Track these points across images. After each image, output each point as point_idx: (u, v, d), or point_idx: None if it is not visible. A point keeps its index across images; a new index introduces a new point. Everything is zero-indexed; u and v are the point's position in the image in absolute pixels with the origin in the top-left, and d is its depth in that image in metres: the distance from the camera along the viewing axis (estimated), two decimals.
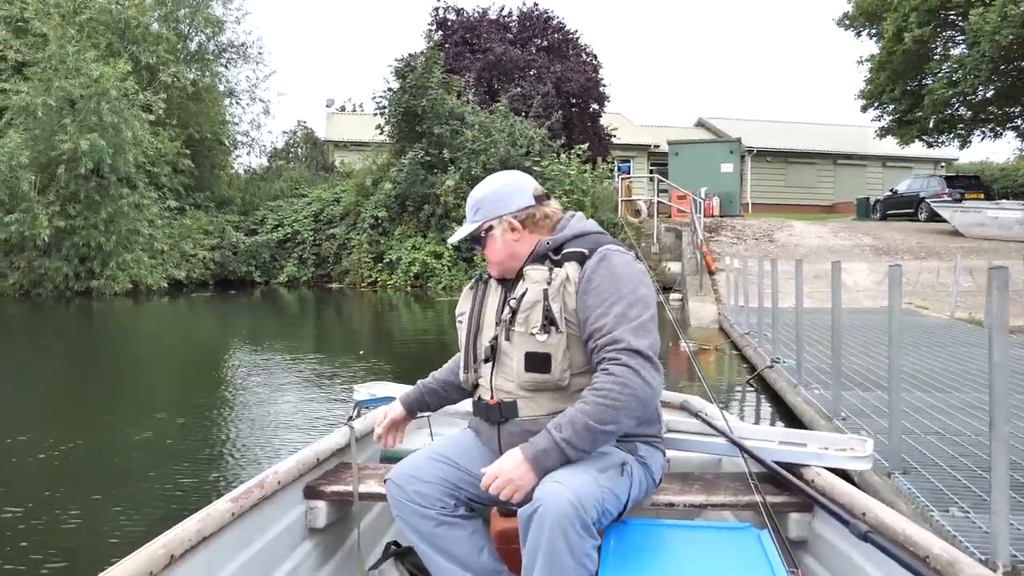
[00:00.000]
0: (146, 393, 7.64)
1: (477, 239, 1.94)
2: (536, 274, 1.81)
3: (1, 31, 18.75)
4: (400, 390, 2.64)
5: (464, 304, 2.02)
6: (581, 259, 1.79)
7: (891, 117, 23.02)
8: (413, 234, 20.21)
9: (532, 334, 1.76)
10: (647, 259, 16.85)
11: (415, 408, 2.21)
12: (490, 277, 1.98)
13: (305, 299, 18.36)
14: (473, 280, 2.04)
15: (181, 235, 20.22)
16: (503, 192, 1.92)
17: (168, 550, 1.58)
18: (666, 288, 15.66)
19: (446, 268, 19.18)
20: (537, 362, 1.77)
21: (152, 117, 19.25)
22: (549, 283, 1.77)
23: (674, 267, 16.88)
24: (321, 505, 2.20)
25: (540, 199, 1.92)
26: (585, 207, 19.36)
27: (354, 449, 2.32)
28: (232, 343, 11.29)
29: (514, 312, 1.80)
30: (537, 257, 1.86)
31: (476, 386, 1.95)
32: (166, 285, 18.96)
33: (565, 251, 1.83)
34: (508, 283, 1.91)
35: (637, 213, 20.44)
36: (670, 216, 20.44)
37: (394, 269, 19.67)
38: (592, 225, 1.93)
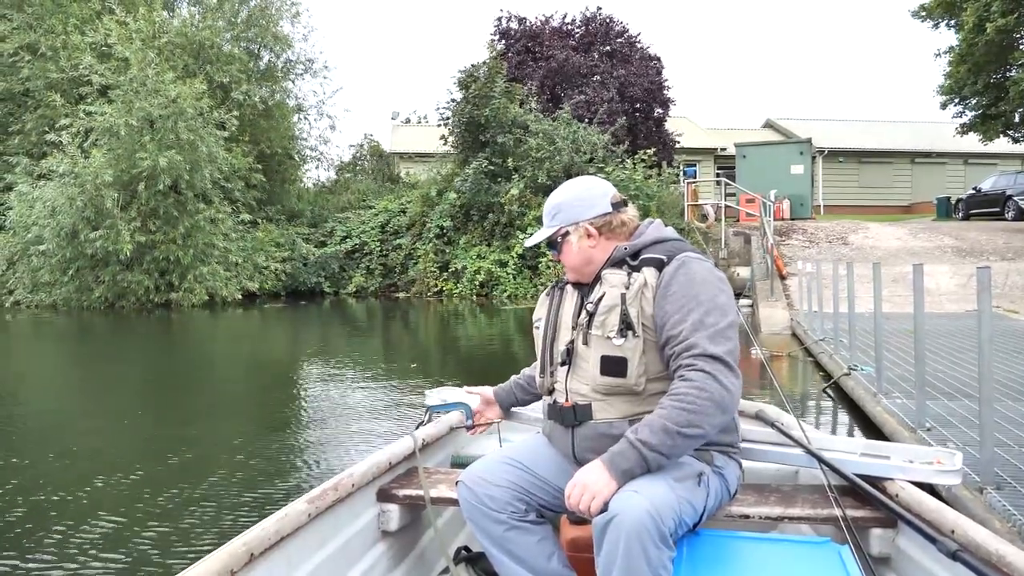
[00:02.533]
0: (225, 400, 7.89)
1: (553, 244, 1.97)
2: (614, 278, 1.82)
3: (87, 57, 19.74)
4: (470, 396, 2.67)
5: (541, 309, 2.05)
6: (659, 265, 1.80)
7: (973, 112, 22.05)
8: (478, 243, 20.36)
9: (609, 338, 1.77)
10: (715, 265, 16.56)
11: (504, 399, 2.38)
12: (567, 283, 2.00)
13: (373, 309, 18.69)
14: (550, 286, 2.06)
15: (254, 248, 20.87)
16: (581, 198, 1.94)
17: (248, 548, 1.63)
18: (736, 294, 15.34)
19: (511, 276, 19.24)
20: (613, 366, 1.77)
21: (226, 134, 19.96)
22: (627, 287, 1.79)
23: (743, 272, 16.55)
24: (393, 508, 2.24)
25: (618, 206, 1.94)
26: (651, 212, 19.17)
27: (418, 453, 2.36)
28: (304, 352, 11.58)
29: (591, 315, 1.81)
30: (615, 262, 1.87)
31: (552, 391, 1.96)
32: (240, 296, 19.59)
33: (643, 256, 1.84)
34: (584, 288, 1.92)
35: (704, 218, 20.12)
36: (738, 220, 20.05)
37: (459, 278, 19.84)
38: (671, 232, 1.93)
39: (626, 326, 1.76)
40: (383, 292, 21.44)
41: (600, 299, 1.82)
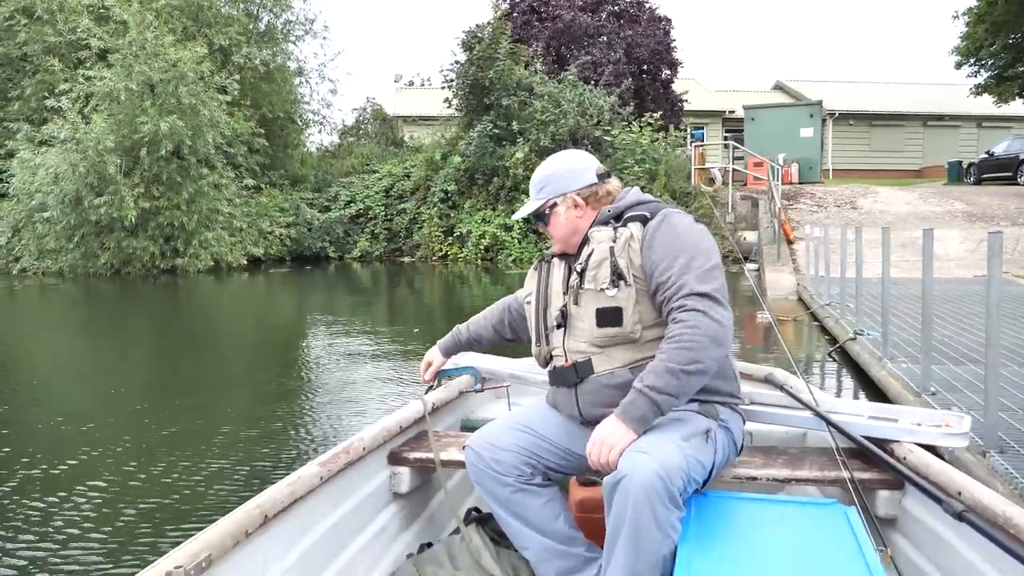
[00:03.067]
0: (233, 365, 7.96)
1: (541, 215, 2.02)
2: (600, 235, 1.88)
3: (85, 20, 19.53)
4: (481, 359, 2.69)
5: (530, 284, 2.09)
6: (643, 220, 1.86)
7: (989, 73, 21.74)
8: (483, 207, 20.30)
9: (602, 290, 1.82)
10: (722, 229, 16.49)
11: (448, 351, 2.44)
12: (552, 256, 2.05)
13: (378, 273, 18.72)
14: (536, 262, 2.11)
15: (258, 213, 20.84)
16: (568, 170, 2.00)
17: (263, 510, 1.66)
18: (743, 258, 15.32)
19: (516, 240, 19.21)
20: (608, 316, 1.82)
21: (227, 98, 19.80)
22: (614, 240, 1.84)
23: (750, 236, 16.48)
24: (404, 471, 2.27)
25: (602, 177, 2.00)
26: (658, 176, 19.06)
27: (428, 417, 2.39)
28: (310, 317, 11.63)
29: (582, 273, 1.86)
30: (600, 222, 1.93)
31: (550, 359, 1.99)
32: (245, 262, 19.61)
33: (627, 215, 1.90)
34: (570, 257, 1.97)
35: (711, 181, 19.99)
36: (746, 184, 19.92)
37: (464, 242, 19.83)
38: (650, 197, 2.01)
39: (617, 276, 1.80)
40: (388, 257, 21.46)
41: (589, 256, 1.86)
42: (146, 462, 4.36)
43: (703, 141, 25.18)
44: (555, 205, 1.98)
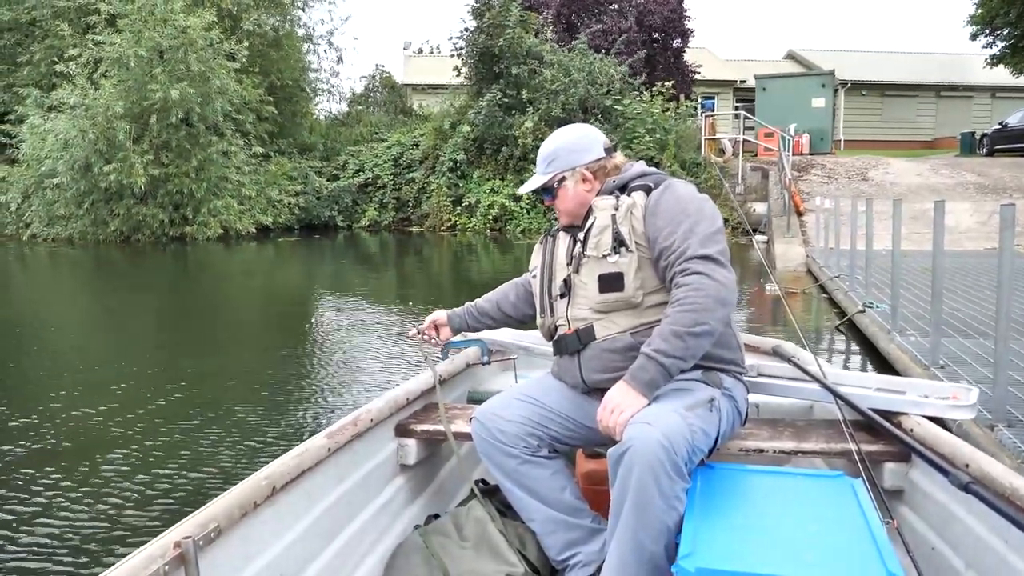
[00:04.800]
0: (242, 334, 8.01)
1: (548, 190, 2.02)
2: (603, 203, 1.90)
3: None
4: (489, 331, 2.67)
5: (535, 259, 2.11)
6: (647, 190, 1.88)
7: (1005, 43, 21.36)
8: (492, 177, 20.20)
9: (604, 256, 1.83)
10: (731, 200, 16.39)
11: (456, 323, 2.39)
12: (558, 231, 2.06)
13: (386, 243, 18.72)
14: (542, 235, 2.12)
15: (267, 181, 20.79)
16: (577, 144, 2.00)
17: (271, 481, 1.67)
18: (752, 229, 15.25)
19: (525, 211, 19.15)
20: (610, 282, 1.83)
21: (236, 65, 19.66)
22: (616, 208, 1.86)
23: (760, 208, 16.38)
24: (411, 443, 2.28)
25: (609, 150, 2.02)
26: (668, 146, 18.90)
27: (439, 391, 2.38)
28: (319, 286, 11.67)
29: (584, 241, 1.87)
30: (604, 192, 1.95)
31: (554, 330, 2.00)
32: (254, 230, 19.61)
33: (631, 186, 1.92)
34: (576, 228, 1.97)
35: (722, 152, 19.82)
36: (756, 155, 19.74)
37: (473, 212, 19.78)
38: (654, 169, 2.02)
39: (619, 243, 1.82)
40: (396, 226, 21.44)
41: (592, 224, 1.88)
42: (155, 432, 4.40)
43: (714, 111, 24.90)
44: (564, 179, 1.98)
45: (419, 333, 2.44)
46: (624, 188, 1.93)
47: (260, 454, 3.98)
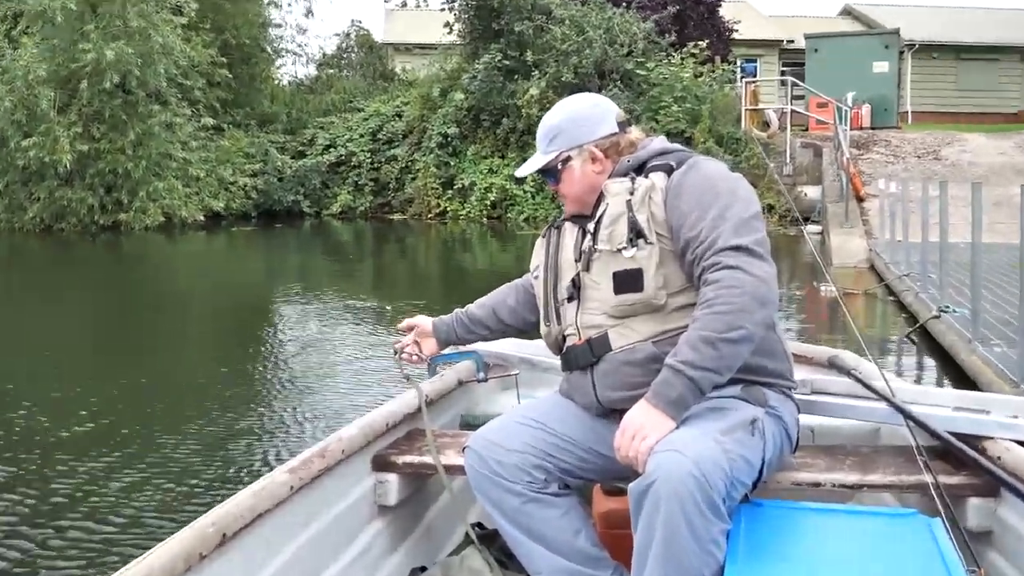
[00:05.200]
0: (185, 344, 7.99)
1: (551, 172, 2.03)
2: (617, 186, 1.89)
3: None
4: (483, 344, 2.65)
5: (538, 255, 2.10)
6: (668, 170, 1.87)
7: None
8: (489, 154, 20.27)
9: (618, 250, 1.82)
10: (777, 183, 16.41)
11: (443, 333, 2.36)
12: (563, 221, 2.06)
13: (362, 233, 18.78)
14: (545, 228, 2.12)
15: (219, 159, 20.85)
16: (585, 117, 2.01)
17: (219, 528, 1.63)
18: (802, 218, 15.28)
19: (529, 195, 19.20)
20: (627, 280, 1.82)
21: (183, 21, 19.71)
22: (632, 193, 1.85)
23: (812, 192, 16.41)
24: (392, 479, 2.24)
25: (623, 125, 2.01)
26: (701, 118, 18.92)
27: (426, 415, 2.35)
28: (279, 285, 11.67)
29: (595, 233, 1.87)
30: (618, 174, 1.94)
31: (562, 341, 1.99)
32: (203, 218, 19.65)
33: (650, 166, 1.92)
34: (585, 219, 1.96)
35: (766, 125, 19.84)
36: (807, 129, 19.77)
37: (467, 197, 19.85)
38: (678, 146, 2.01)
39: (636, 234, 1.81)
40: (374, 213, 21.50)
41: (603, 212, 1.87)
42: (59, 472, 4.19)
43: (756, 77, 24.92)
44: (569, 159, 1.98)
45: (399, 352, 2.40)
46: (641, 168, 1.92)
47: (204, 495, 3.85)
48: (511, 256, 14.24)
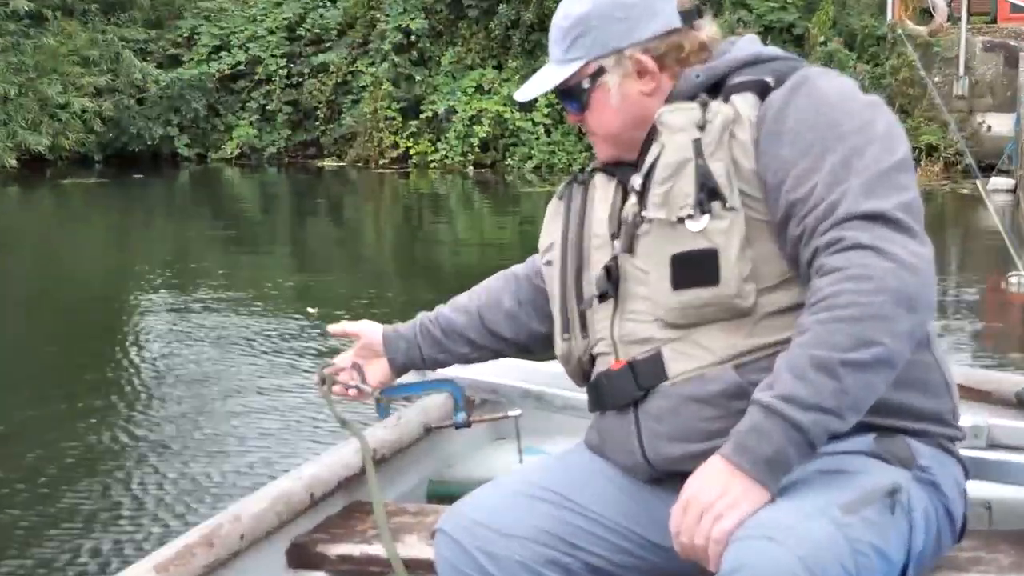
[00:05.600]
0: None
1: (573, 93, 2.01)
2: (679, 118, 1.86)
3: None
4: (464, 369, 2.67)
5: (552, 227, 2.10)
6: (763, 90, 1.84)
7: None
8: (477, 63, 20.40)
9: (680, 220, 1.80)
10: (942, 110, 16.34)
11: (398, 350, 2.34)
12: (593, 173, 2.06)
13: (272, 189, 18.74)
14: (563, 186, 2.11)
15: (39, 69, 20.89)
16: (626, 3, 1.98)
17: None
18: (980, 166, 15.22)
19: (541, 129, 19.30)
20: (694, 267, 1.80)
21: None
22: (703, 128, 1.82)
23: (999, 124, 16.36)
24: None
25: (689, 16, 1.98)
26: (821, 4, 18.89)
27: (373, 480, 2.38)
28: (136, 278, 11.62)
29: (643, 191, 1.86)
30: (681, 96, 1.90)
31: (589, 365, 2.00)
32: (14, 163, 19.67)
33: (731, 83, 1.88)
34: (628, 169, 1.95)
35: (928, 15, 19.81)
36: (995, 20, 19.74)
37: (441, 132, 19.97)
38: (774, 51, 1.98)
39: (709, 194, 1.78)
40: (293, 158, 21.64)
41: (656, 158, 1.85)
42: None
43: None
44: (601, 72, 1.96)
45: (328, 380, 2.39)
46: (719, 88, 1.89)
47: None
48: (511, 227, 14.26)
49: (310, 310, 9.22)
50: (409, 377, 2.50)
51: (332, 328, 2.44)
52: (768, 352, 1.77)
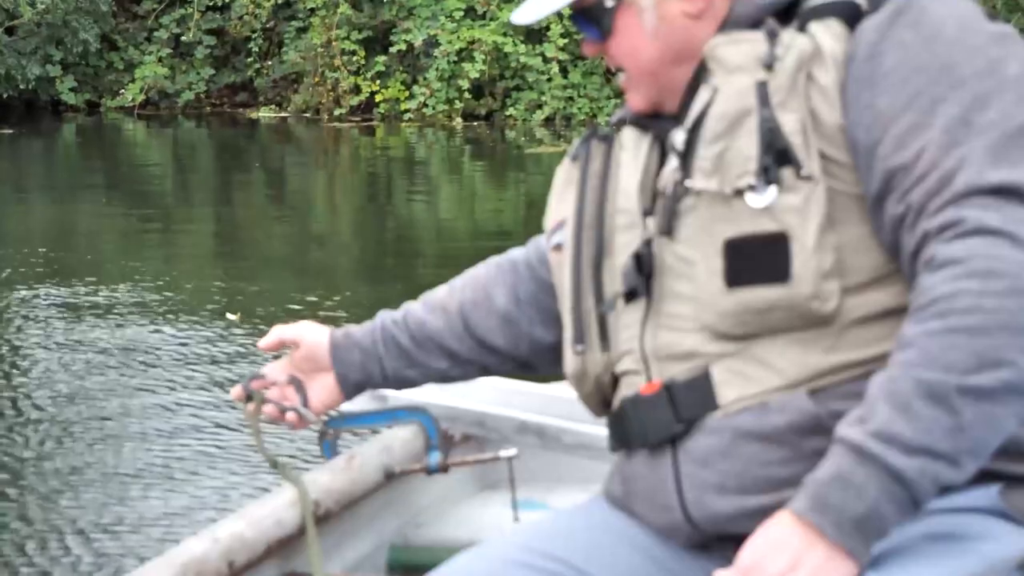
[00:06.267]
0: None
1: (591, 14, 2.01)
2: (737, 51, 1.85)
3: None
4: (439, 392, 2.68)
5: (563, 201, 2.10)
6: (851, 15, 1.82)
7: None
8: None
9: (737, 192, 1.79)
10: None
11: (351, 360, 2.35)
12: (619, 124, 2.06)
13: (187, 147, 18.86)
14: (579, 142, 2.10)
15: None
16: None
17: None
18: None
19: (555, 67, 19.50)
20: (756, 258, 1.80)
21: None
22: (770, 67, 1.80)
23: None
24: None
25: None
26: None
27: (316, 544, 2.38)
28: (2, 262, 11.71)
29: (686, 152, 1.84)
30: (739, 23, 1.90)
31: (613, 385, 2.01)
32: None
33: (808, 6, 1.87)
34: (666, 123, 1.95)
35: None
36: None
37: (418, 70, 20.27)
38: None
39: (777, 157, 1.77)
40: (217, 106, 22.00)
41: (705, 110, 1.84)
42: None
43: None
44: None
45: (256, 402, 2.40)
46: (791, 12, 1.89)
47: None
48: (514, 202, 14.37)
49: (230, 316, 9.26)
50: (365, 402, 2.50)
51: (263, 343, 2.43)
52: (856, 373, 1.75)
